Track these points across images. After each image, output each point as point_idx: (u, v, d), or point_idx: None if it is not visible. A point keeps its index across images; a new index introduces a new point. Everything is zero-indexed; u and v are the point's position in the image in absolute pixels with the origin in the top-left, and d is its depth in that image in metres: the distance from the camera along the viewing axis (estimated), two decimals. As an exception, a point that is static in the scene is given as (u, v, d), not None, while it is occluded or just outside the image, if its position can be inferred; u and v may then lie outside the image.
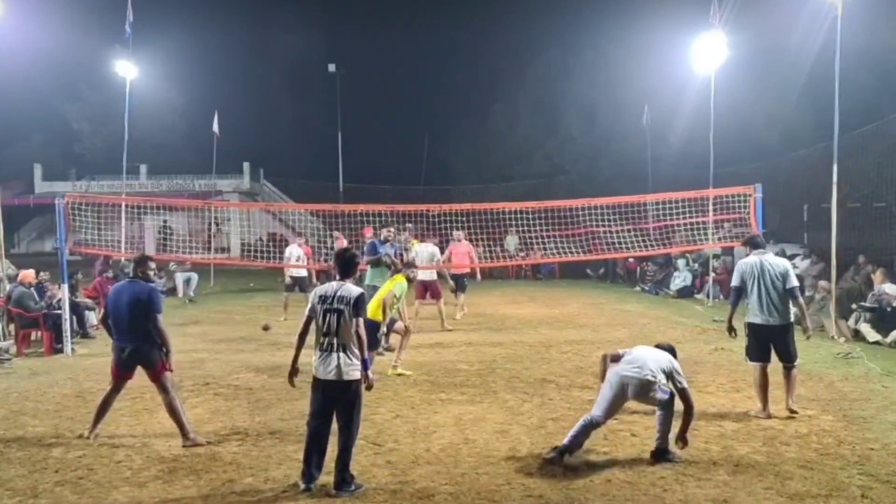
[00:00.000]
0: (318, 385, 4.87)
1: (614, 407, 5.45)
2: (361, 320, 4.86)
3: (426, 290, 12.20)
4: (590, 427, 5.35)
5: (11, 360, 9.66)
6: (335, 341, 4.81)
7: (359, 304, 4.87)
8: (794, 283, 6.54)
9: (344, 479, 4.79)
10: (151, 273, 6.33)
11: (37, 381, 8.43)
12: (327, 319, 4.84)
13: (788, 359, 6.53)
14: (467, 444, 5.82)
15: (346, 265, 5.09)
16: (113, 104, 25.04)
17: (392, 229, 10.68)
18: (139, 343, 5.93)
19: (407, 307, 10.34)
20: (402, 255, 10.78)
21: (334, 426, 4.92)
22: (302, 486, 4.81)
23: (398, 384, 8.00)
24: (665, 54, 21.91)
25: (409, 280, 8.87)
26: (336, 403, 4.86)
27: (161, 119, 34.91)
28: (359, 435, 5.02)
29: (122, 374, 6.09)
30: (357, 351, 4.86)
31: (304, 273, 14.58)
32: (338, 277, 5.06)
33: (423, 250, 12.54)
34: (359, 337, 4.85)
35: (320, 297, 4.93)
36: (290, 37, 41.72)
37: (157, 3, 33.19)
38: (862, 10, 13.28)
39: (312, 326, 5.00)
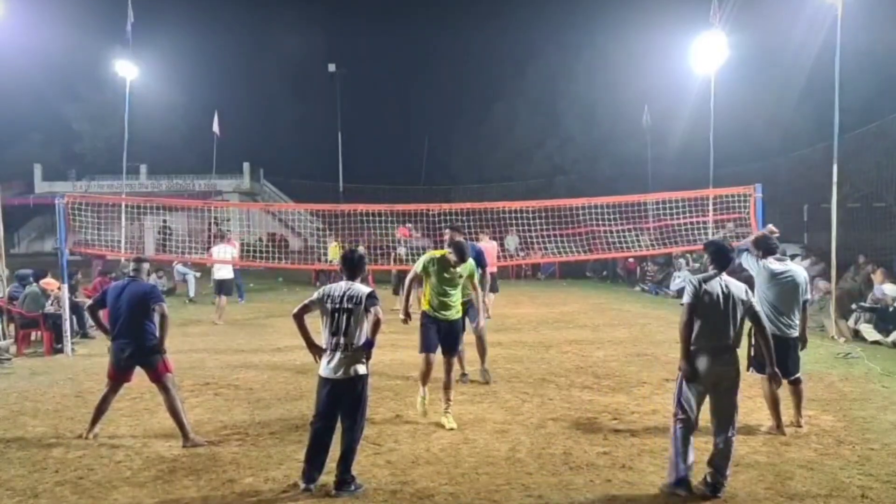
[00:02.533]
0: (325, 384, 4.87)
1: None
2: (378, 309, 4.87)
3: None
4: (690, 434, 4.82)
5: (11, 360, 9.66)
6: (343, 340, 4.82)
7: (370, 299, 4.87)
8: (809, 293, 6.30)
9: (345, 479, 4.79)
10: (144, 274, 6.32)
11: (37, 381, 8.43)
12: (336, 319, 4.84)
13: (796, 370, 6.14)
14: (467, 444, 5.81)
15: (354, 266, 5.07)
16: (113, 104, 25.08)
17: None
18: (139, 344, 5.93)
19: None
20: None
21: (338, 426, 4.92)
22: (302, 485, 4.81)
23: (398, 384, 8.00)
24: (665, 54, 21.91)
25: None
26: (342, 403, 4.85)
27: (161, 119, 34.86)
28: (362, 436, 5.02)
29: (119, 375, 6.09)
30: (364, 353, 4.87)
31: (229, 275, 13.65)
32: (345, 277, 5.03)
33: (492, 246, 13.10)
34: (375, 322, 4.83)
35: (328, 296, 4.91)
36: (290, 37, 41.68)
37: (157, 4, 33.20)
38: (862, 10, 13.29)
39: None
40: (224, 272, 13.44)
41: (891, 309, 10.61)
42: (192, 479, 5.08)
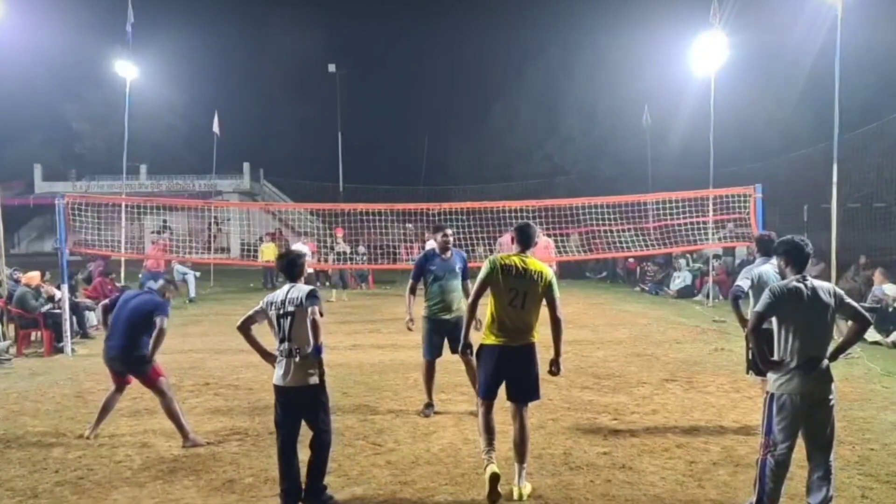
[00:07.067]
0: (277, 392, 4.66)
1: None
2: (316, 308, 4.58)
3: None
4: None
5: (11, 360, 9.66)
6: (289, 346, 4.60)
7: (310, 297, 4.61)
8: None
9: (316, 487, 4.60)
10: (162, 295, 6.26)
11: (37, 381, 8.43)
12: (280, 324, 4.65)
13: None
14: (467, 444, 5.81)
15: (289, 266, 4.81)
16: (113, 104, 25.06)
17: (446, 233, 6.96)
18: (125, 353, 5.91)
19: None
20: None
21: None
22: None
23: (398, 384, 8.00)
24: (665, 54, 21.93)
25: None
26: (298, 412, 4.65)
27: (161, 119, 34.90)
28: (331, 442, 4.74)
29: (115, 377, 6.12)
30: (312, 356, 4.60)
31: (309, 270, 15.32)
32: (285, 280, 4.82)
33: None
34: (313, 324, 4.54)
35: (271, 303, 4.72)
36: (290, 37, 41.68)
37: (157, 4, 33.18)
38: (862, 10, 13.28)
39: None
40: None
41: (891, 309, 10.61)
42: (192, 479, 5.08)
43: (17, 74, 28.18)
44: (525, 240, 4.97)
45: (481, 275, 4.85)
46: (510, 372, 4.85)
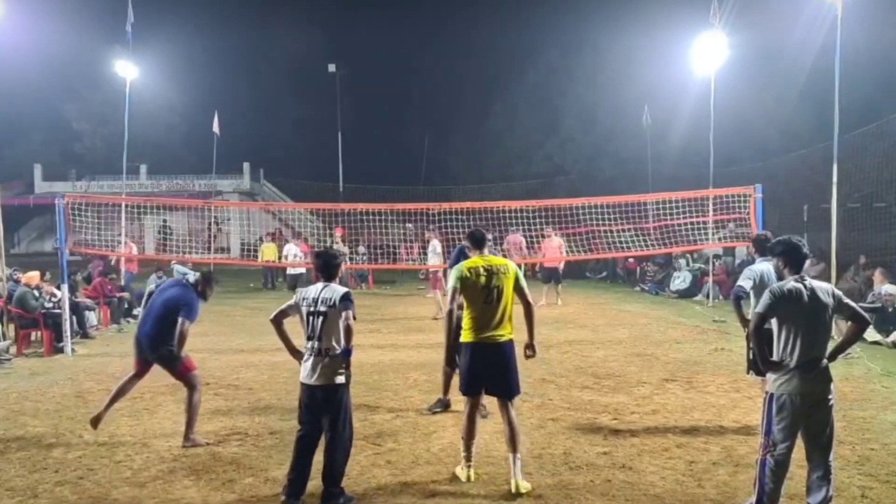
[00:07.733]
0: (303, 390, 4.68)
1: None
2: (350, 313, 4.62)
3: None
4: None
5: (11, 360, 9.66)
6: (318, 345, 4.61)
7: (344, 300, 4.65)
8: None
9: (332, 493, 4.59)
10: (200, 288, 6.16)
11: (37, 381, 8.43)
12: (311, 322, 4.65)
13: None
14: (467, 444, 5.81)
15: (326, 266, 4.84)
16: (113, 104, 25.09)
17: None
18: (154, 342, 5.87)
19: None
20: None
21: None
22: (283, 498, 4.57)
23: (398, 384, 8.00)
24: (665, 54, 21.94)
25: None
26: (321, 411, 4.64)
27: (161, 119, 34.93)
28: (350, 447, 4.76)
29: (141, 366, 6.05)
30: (341, 358, 4.62)
31: (302, 270, 15.63)
32: (322, 279, 4.82)
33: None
34: (346, 328, 4.60)
35: (304, 298, 4.73)
36: (290, 37, 41.70)
37: (157, 3, 33.18)
38: (862, 10, 13.28)
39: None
40: (297, 268, 16.01)
41: (891, 309, 10.62)
42: (192, 479, 5.09)
43: (17, 74, 28.16)
44: (478, 243, 5.25)
45: (453, 284, 5.07)
46: (490, 367, 5.00)
